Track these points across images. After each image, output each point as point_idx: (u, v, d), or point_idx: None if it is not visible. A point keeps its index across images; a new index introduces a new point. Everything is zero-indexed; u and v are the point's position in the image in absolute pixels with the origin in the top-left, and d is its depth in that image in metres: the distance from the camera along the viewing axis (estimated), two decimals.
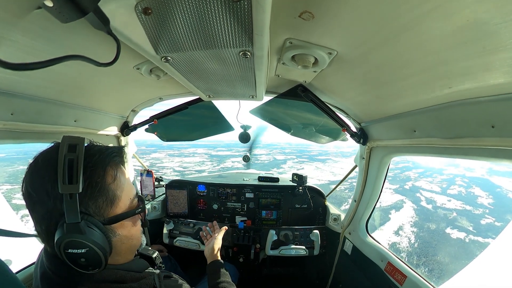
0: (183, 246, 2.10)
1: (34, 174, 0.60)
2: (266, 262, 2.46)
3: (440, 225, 31.73)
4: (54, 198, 0.57)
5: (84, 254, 0.59)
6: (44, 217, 0.59)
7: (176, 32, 0.69)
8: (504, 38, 0.55)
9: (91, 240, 0.58)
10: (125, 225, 0.69)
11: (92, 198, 0.61)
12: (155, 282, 0.72)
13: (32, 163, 0.61)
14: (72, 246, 0.58)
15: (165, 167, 64.25)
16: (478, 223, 33.24)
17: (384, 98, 1.18)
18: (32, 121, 1.16)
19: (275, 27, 0.78)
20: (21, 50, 0.75)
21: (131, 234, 0.72)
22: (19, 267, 1.25)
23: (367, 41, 0.76)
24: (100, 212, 0.63)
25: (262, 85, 1.15)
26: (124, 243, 0.70)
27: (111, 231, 0.66)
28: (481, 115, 0.84)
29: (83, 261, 0.59)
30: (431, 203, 40.30)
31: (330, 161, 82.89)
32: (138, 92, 1.60)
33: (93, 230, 0.60)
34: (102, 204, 0.63)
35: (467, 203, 42.08)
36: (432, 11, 0.55)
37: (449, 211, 37.88)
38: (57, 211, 0.58)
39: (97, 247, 0.59)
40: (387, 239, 25.23)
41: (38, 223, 0.60)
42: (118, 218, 0.66)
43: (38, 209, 0.59)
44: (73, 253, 0.58)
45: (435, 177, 59.59)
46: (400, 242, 25.88)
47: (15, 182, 37.89)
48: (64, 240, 0.57)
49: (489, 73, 0.69)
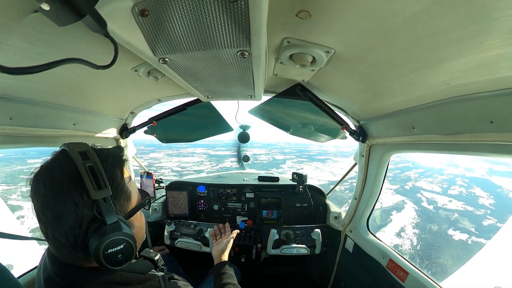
0: (184, 247, 2.10)
1: (56, 187, 0.58)
2: (267, 262, 2.46)
3: (442, 226, 31.54)
4: (83, 206, 0.59)
5: (122, 250, 0.63)
6: (73, 227, 0.58)
7: (174, 33, 0.69)
8: (501, 33, 0.56)
9: (128, 235, 0.64)
10: (137, 216, 0.76)
11: (116, 198, 0.66)
12: (160, 284, 0.72)
13: (46, 177, 0.60)
14: (112, 245, 0.61)
15: (163, 167, 64.11)
16: (480, 224, 33.09)
17: (382, 96, 1.18)
18: (31, 125, 1.16)
19: (272, 27, 0.78)
20: (19, 54, 0.75)
21: (142, 224, 0.79)
22: (20, 272, 1.25)
23: (364, 39, 0.76)
24: (123, 209, 0.68)
25: (261, 85, 1.15)
26: (139, 233, 0.77)
27: (131, 224, 0.71)
28: (480, 111, 0.84)
29: (120, 257, 0.63)
30: (432, 204, 40.12)
31: (329, 161, 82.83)
32: (136, 94, 1.60)
33: (125, 225, 0.65)
34: (123, 201, 0.68)
35: (468, 204, 41.92)
36: (429, 8, 0.55)
37: (450, 212, 37.72)
38: (87, 218, 0.60)
39: (132, 240, 0.64)
40: (389, 241, 25.03)
41: (64, 236, 0.59)
42: (134, 211, 0.72)
43: (65, 221, 0.58)
44: (112, 252, 0.61)
45: (435, 177, 59.53)
46: (403, 244, 25.72)
47: (11, 182, 37.78)
48: (104, 242, 0.59)
49: (487, 68, 0.69)
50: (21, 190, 0.67)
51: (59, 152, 0.65)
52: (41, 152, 0.67)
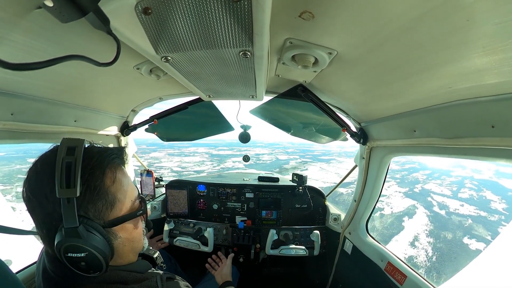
0: (183, 246, 2.10)
1: (33, 178, 0.60)
2: (266, 262, 2.45)
3: (457, 234, 30.40)
4: (53, 202, 0.57)
5: (84, 258, 0.58)
6: (44, 221, 0.59)
7: (176, 32, 0.69)
8: (503, 37, 0.55)
9: (90, 245, 0.58)
10: (127, 227, 0.69)
11: (91, 202, 0.60)
12: (157, 284, 0.70)
13: (32, 167, 0.61)
14: (71, 250, 0.57)
15: (163, 167, 63.56)
16: (496, 232, 31.65)
17: (384, 98, 1.18)
18: (32, 121, 1.16)
19: (275, 27, 0.78)
20: (21, 50, 0.75)
21: (132, 237, 0.71)
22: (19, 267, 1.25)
23: (367, 41, 0.76)
24: (100, 216, 0.62)
25: (262, 85, 1.15)
26: (126, 245, 0.69)
27: (112, 234, 0.65)
28: (481, 115, 0.84)
29: (83, 264, 0.59)
30: (444, 209, 38.93)
31: (334, 161, 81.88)
32: (138, 92, 1.60)
33: (92, 234, 0.59)
34: (102, 207, 0.62)
35: (481, 209, 40.62)
36: (431, 10, 0.55)
37: (464, 217, 36.52)
38: (57, 215, 0.57)
39: (97, 251, 0.59)
40: (403, 252, 24.02)
41: (39, 226, 0.60)
42: (118, 221, 0.65)
43: (38, 213, 0.59)
44: (73, 257, 0.58)
45: (443, 179, 58.45)
46: (418, 255, 24.61)
47: (8, 182, 37.43)
48: (63, 244, 0.57)
49: (489, 72, 0.69)
50: (16, 191, 0.67)
51: (54, 146, 0.65)
52: (42, 151, 0.66)
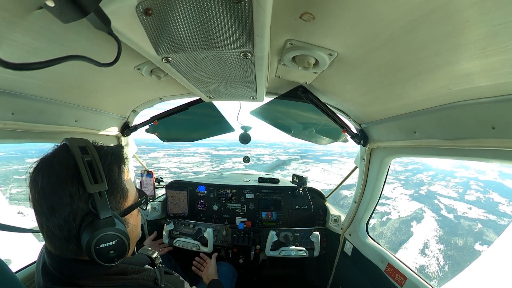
0: (183, 246, 2.09)
1: (53, 178, 0.59)
2: (266, 263, 2.45)
3: (468, 240, 29.51)
4: (78, 199, 0.59)
5: (114, 246, 0.62)
6: (67, 220, 0.59)
7: (177, 33, 0.69)
8: (504, 39, 0.55)
9: (121, 231, 0.63)
10: (133, 215, 0.76)
11: (112, 194, 0.66)
12: (156, 274, 0.75)
13: (43, 168, 0.60)
14: (104, 240, 0.60)
15: (161, 167, 62.89)
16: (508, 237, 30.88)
17: (384, 99, 1.18)
18: (33, 121, 1.17)
19: (275, 28, 0.78)
20: (22, 50, 0.76)
21: (137, 223, 0.79)
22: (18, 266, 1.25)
23: (367, 42, 0.76)
24: (118, 206, 0.68)
25: (263, 86, 1.15)
26: (134, 231, 0.76)
27: (125, 222, 0.71)
28: (482, 116, 0.84)
29: (112, 253, 0.63)
30: (452, 212, 37.90)
31: (336, 162, 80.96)
32: (138, 93, 1.61)
33: (119, 222, 0.65)
34: (119, 198, 0.68)
35: (490, 212, 39.56)
36: (432, 12, 0.55)
37: (473, 221, 35.52)
38: (82, 212, 0.60)
39: (125, 237, 0.64)
40: (413, 261, 23.16)
41: (58, 228, 0.59)
42: (130, 209, 0.72)
43: (60, 213, 0.58)
44: (104, 248, 0.61)
45: (448, 181, 57.54)
46: (429, 264, 23.80)
47: (3, 183, 36.64)
48: (97, 235, 0.59)
49: (489, 74, 0.69)
50: (10, 192, 0.67)
51: (59, 146, 0.66)
52: (42, 151, 0.66)
